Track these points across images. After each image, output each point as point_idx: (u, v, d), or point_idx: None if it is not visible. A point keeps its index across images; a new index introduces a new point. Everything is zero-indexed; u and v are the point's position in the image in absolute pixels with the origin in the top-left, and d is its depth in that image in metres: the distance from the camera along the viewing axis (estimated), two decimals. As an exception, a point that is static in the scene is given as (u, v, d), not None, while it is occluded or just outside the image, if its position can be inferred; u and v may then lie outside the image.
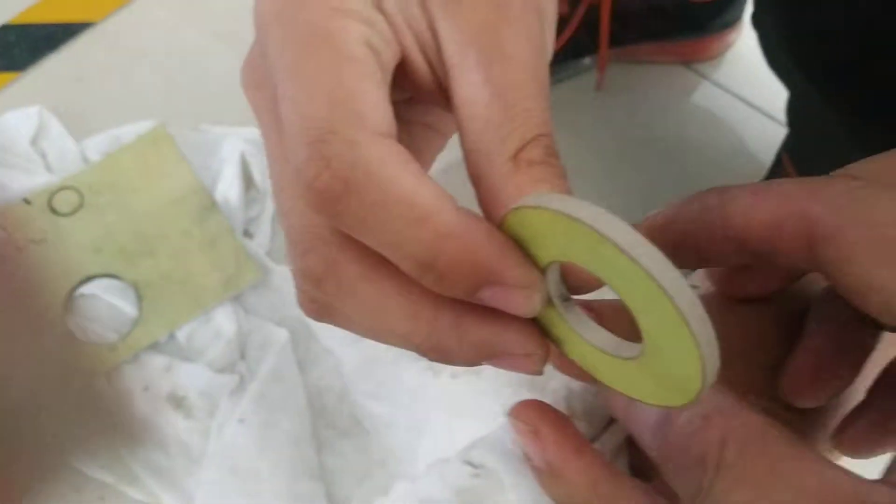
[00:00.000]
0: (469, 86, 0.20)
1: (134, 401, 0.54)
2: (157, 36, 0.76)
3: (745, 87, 0.77)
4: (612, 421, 0.24)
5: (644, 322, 0.17)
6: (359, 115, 0.19)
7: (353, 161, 0.18)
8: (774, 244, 0.19)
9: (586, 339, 0.19)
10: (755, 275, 0.23)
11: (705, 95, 0.77)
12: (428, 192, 0.19)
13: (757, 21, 0.54)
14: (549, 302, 0.19)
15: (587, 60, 0.75)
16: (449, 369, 0.34)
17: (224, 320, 0.57)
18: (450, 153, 0.30)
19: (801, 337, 0.23)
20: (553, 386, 0.24)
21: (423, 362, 0.53)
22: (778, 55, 0.51)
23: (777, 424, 0.19)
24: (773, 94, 0.61)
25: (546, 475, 0.21)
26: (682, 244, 0.21)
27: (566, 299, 0.20)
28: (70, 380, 0.56)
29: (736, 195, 0.20)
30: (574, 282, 0.20)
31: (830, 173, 0.21)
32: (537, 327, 0.20)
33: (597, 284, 0.19)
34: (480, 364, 0.20)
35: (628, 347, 0.19)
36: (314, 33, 0.20)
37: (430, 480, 0.24)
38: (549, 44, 0.22)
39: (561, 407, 0.23)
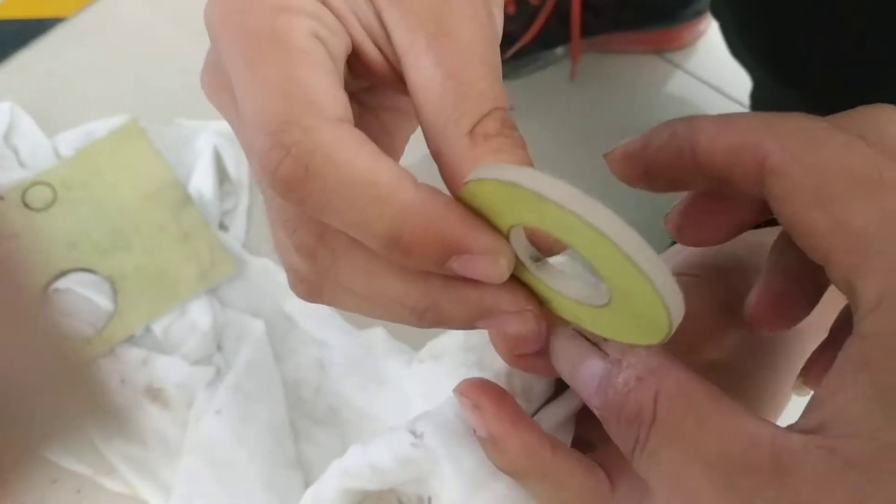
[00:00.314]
0: (421, 70, 0.21)
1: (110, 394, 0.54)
2: (128, 30, 0.76)
3: (716, 75, 0.78)
4: (552, 397, 0.25)
5: (603, 271, 0.18)
6: (313, 103, 0.20)
7: (312, 147, 0.19)
8: (733, 172, 0.20)
9: (563, 293, 0.20)
10: (711, 218, 0.24)
11: (678, 84, 0.78)
12: (386, 170, 0.19)
13: (715, 9, 0.55)
14: (522, 266, 0.20)
15: (560, 50, 0.76)
16: (418, 358, 0.35)
17: (200, 313, 0.57)
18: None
19: (762, 273, 0.24)
20: (497, 367, 0.25)
21: (404, 356, 0.53)
22: (736, 44, 0.52)
23: (703, 380, 0.20)
24: (744, 82, 0.61)
25: (489, 445, 0.22)
26: (652, 168, 0.22)
27: (537, 259, 0.21)
28: (46, 371, 0.57)
29: (703, 124, 0.21)
30: (539, 245, 0.21)
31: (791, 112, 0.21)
32: (524, 288, 0.21)
33: (558, 245, 0.20)
34: (475, 327, 0.21)
35: (602, 295, 0.20)
36: (261, 32, 0.21)
37: (377, 446, 0.25)
38: (498, 22, 0.23)
39: (502, 384, 0.24)
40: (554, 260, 0.21)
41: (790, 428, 0.18)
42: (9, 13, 0.76)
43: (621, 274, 0.17)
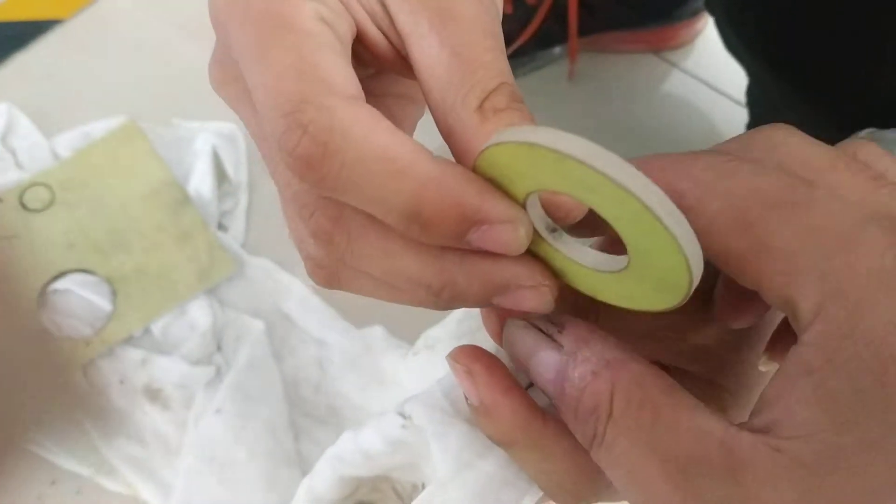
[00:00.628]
0: (426, 50, 0.21)
1: (110, 394, 0.54)
2: (125, 32, 0.76)
3: (713, 73, 0.78)
4: None
5: (623, 230, 0.18)
6: (326, 83, 0.20)
7: (329, 125, 0.19)
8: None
9: (581, 262, 0.20)
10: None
11: (675, 83, 0.78)
12: (403, 145, 0.20)
13: (709, 5, 0.55)
14: (538, 237, 0.20)
15: (557, 50, 0.76)
16: (412, 350, 0.35)
17: (199, 313, 0.57)
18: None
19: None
20: (491, 344, 0.24)
21: (403, 349, 0.53)
22: (730, 37, 0.52)
23: (659, 373, 0.20)
24: (741, 80, 0.62)
25: (479, 412, 0.22)
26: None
27: (553, 230, 0.20)
28: (44, 374, 0.56)
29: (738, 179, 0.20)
30: (556, 213, 0.20)
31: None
32: (540, 262, 0.21)
33: (577, 209, 0.20)
34: (492, 303, 0.21)
35: (621, 260, 0.20)
36: (269, 19, 0.21)
37: (368, 431, 0.25)
38: (499, 1, 0.23)
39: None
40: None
41: (741, 426, 0.19)
42: (6, 15, 0.76)
43: (643, 230, 0.17)
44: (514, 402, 0.22)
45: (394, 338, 0.55)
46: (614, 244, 0.22)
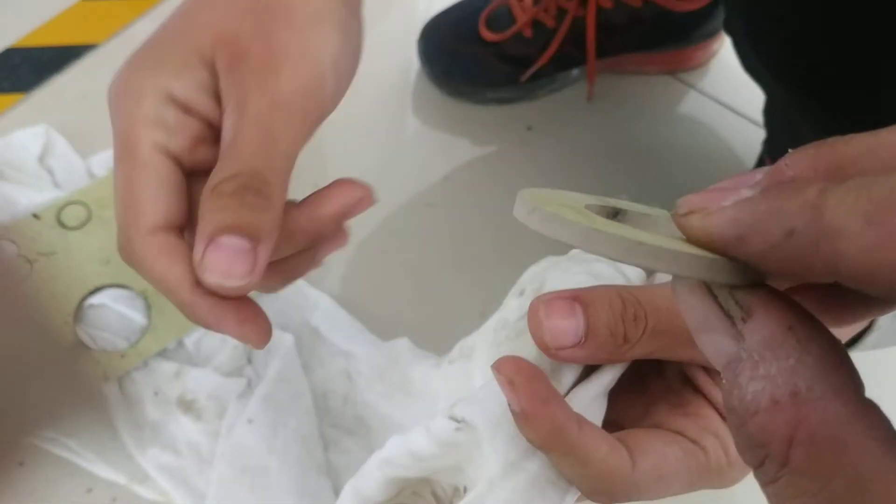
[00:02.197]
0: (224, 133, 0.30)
1: (145, 405, 0.56)
2: (158, 56, 0.78)
3: (730, 94, 0.80)
4: (580, 379, 0.26)
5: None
6: (138, 216, 0.28)
7: (132, 253, 0.29)
8: None
9: (656, 231, 0.20)
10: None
11: (692, 104, 0.80)
12: (174, 273, 0.28)
13: (729, 26, 0.56)
14: (608, 225, 0.20)
15: (575, 72, 0.78)
16: (447, 358, 0.36)
17: (230, 326, 0.59)
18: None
19: None
20: (527, 356, 0.26)
21: (431, 360, 0.55)
22: (751, 58, 0.53)
23: (870, 422, 0.15)
24: (757, 101, 0.63)
25: (520, 419, 0.23)
26: (757, 264, 0.16)
27: (615, 214, 0.21)
28: (80, 386, 0.58)
29: (842, 226, 0.14)
30: None
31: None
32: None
33: None
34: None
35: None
36: (120, 141, 0.29)
37: (418, 434, 0.27)
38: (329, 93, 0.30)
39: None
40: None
41: None
42: (43, 40, 0.79)
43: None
44: (552, 411, 0.23)
45: (420, 349, 0.57)
46: None
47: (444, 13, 0.78)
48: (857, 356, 0.20)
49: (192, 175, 0.31)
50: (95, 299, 0.60)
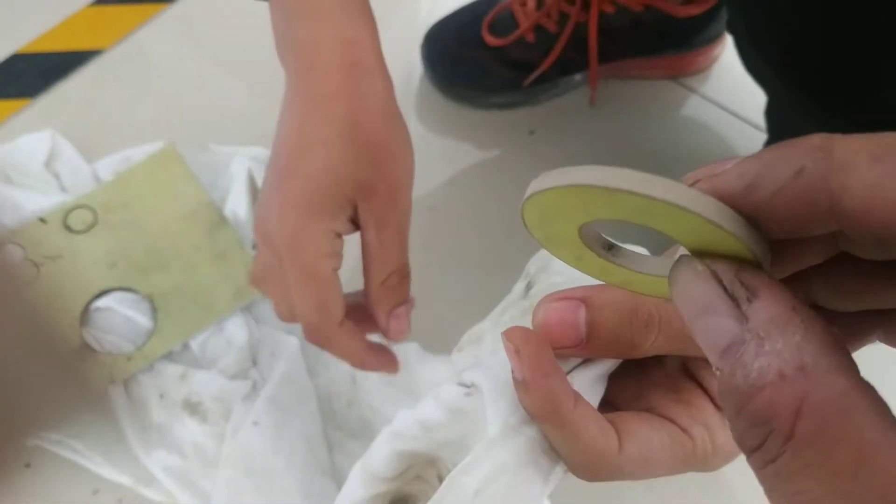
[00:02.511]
0: (366, 243, 0.43)
1: (150, 408, 0.56)
2: (162, 61, 0.79)
3: (731, 99, 0.80)
4: (584, 361, 0.27)
5: (686, 240, 0.18)
6: (331, 317, 0.42)
7: (328, 339, 0.44)
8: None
9: (643, 271, 0.21)
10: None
11: (693, 108, 0.80)
12: (356, 345, 0.45)
13: (731, 26, 0.57)
14: (597, 257, 0.21)
15: (578, 77, 0.78)
16: (456, 348, 0.37)
17: (236, 329, 0.59)
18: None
19: None
20: None
21: (440, 357, 0.56)
22: (753, 58, 0.54)
23: (874, 394, 0.15)
24: (759, 104, 0.63)
25: (520, 387, 0.24)
26: (765, 216, 0.17)
27: (610, 247, 0.21)
28: (87, 389, 0.59)
29: (850, 162, 0.15)
30: None
31: None
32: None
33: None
34: None
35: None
36: (308, 271, 0.41)
37: (426, 403, 0.27)
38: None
39: None
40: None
41: None
42: (49, 46, 0.79)
43: (706, 238, 0.17)
44: (551, 383, 0.24)
45: (429, 353, 0.57)
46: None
47: (447, 18, 0.78)
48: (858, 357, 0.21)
49: None
50: (101, 302, 0.61)
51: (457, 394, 0.26)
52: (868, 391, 0.15)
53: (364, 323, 0.45)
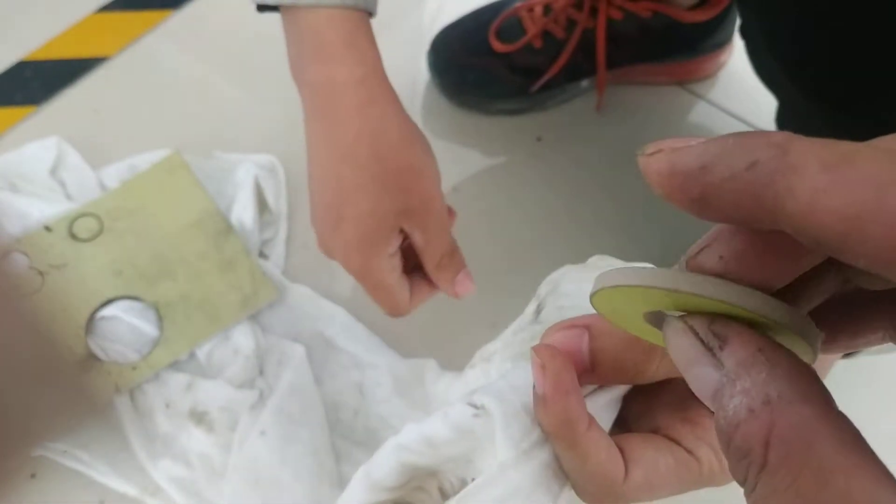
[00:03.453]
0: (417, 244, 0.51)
1: (156, 417, 0.56)
2: (167, 69, 0.79)
3: (739, 105, 0.80)
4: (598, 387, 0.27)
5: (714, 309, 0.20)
6: (401, 308, 0.52)
7: (402, 314, 0.53)
8: (848, 243, 0.15)
9: None
10: (776, 262, 0.20)
11: (700, 114, 0.80)
12: (403, 287, 0.52)
13: (745, 31, 0.57)
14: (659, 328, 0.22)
15: (585, 83, 0.78)
16: (468, 365, 0.37)
17: (242, 338, 0.59)
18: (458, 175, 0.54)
19: None
20: None
21: (454, 376, 0.55)
22: (765, 61, 0.53)
23: (834, 420, 0.16)
24: (767, 110, 0.63)
25: (540, 402, 0.25)
26: (712, 199, 0.17)
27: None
28: (91, 400, 0.58)
29: (801, 165, 0.16)
30: None
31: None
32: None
33: None
34: None
35: None
36: (377, 286, 0.50)
37: (434, 420, 0.27)
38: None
39: None
40: None
41: None
42: (55, 53, 0.79)
43: (758, 325, 0.19)
44: (569, 401, 0.24)
45: (445, 370, 0.57)
46: None
47: (453, 25, 0.78)
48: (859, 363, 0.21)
49: None
50: (107, 311, 0.60)
51: (465, 414, 0.27)
52: (831, 418, 0.16)
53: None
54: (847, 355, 0.25)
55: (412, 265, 0.53)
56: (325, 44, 0.46)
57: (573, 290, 0.31)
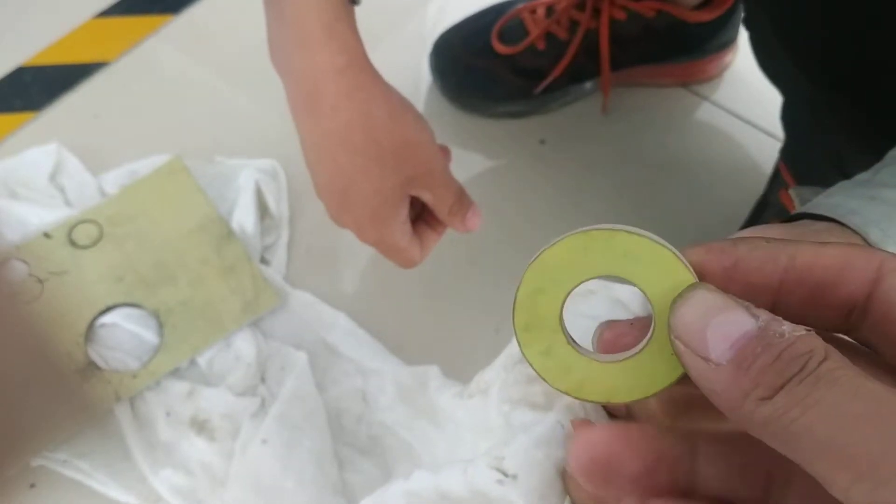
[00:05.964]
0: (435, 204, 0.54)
1: (157, 425, 0.55)
2: (168, 74, 0.78)
3: (743, 106, 0.79)
4: None
5: (654, 292, 0.21)
6: (415, 261, 0.55)
7: (416, 264, 0.56)
8: (842, 276, 0.20)
9: (606, 361, 0.22)
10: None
11: (705, 115, 0.79)
12: (415, 244, 0.54)
13: (750, 22, 0.56)
14: (567, 342, 0.22)
15: (589, 84, 0.77)
16: (467, 392, 0.36)
17: (244, 345, 0.58)
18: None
19: None
20: (544, 404, 0.27)
21: (456, 389, 0.55)
22: (772, 52, 0.52)
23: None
24: (771, 111, 0.62)
25: (567, 476, 0.24)
26: (750, 286, 0.21)
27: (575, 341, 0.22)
28: (91, 409, 0.58)
29: (802, 245, 0.21)
30: None
31: None
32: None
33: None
34: None
35: (641, 344, 0.21)
36: (391, 249, 0.53)
37: (451, 475, 0.26)
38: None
39: (550, 422, 0.26)
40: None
41: None
42: (54, 59, 0.79)
43: (674, 287, 0.20)
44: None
45: (449, 378, 0.56)
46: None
47: (456, 27, 0.78)
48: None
49: None
50: (107, 318, 0.60)
51: (489, 479, 0.25)
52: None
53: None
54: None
55: (415, 214, 0.55)
56: (308, 32, 0.47)
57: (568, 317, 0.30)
